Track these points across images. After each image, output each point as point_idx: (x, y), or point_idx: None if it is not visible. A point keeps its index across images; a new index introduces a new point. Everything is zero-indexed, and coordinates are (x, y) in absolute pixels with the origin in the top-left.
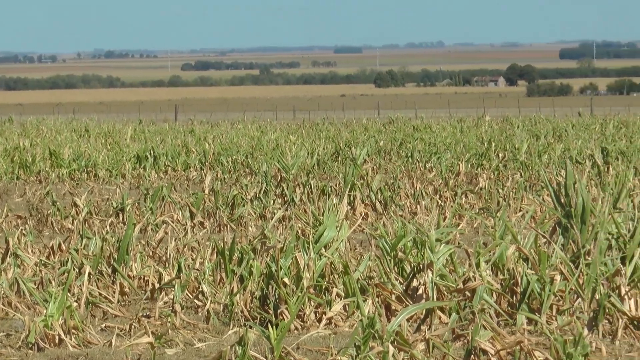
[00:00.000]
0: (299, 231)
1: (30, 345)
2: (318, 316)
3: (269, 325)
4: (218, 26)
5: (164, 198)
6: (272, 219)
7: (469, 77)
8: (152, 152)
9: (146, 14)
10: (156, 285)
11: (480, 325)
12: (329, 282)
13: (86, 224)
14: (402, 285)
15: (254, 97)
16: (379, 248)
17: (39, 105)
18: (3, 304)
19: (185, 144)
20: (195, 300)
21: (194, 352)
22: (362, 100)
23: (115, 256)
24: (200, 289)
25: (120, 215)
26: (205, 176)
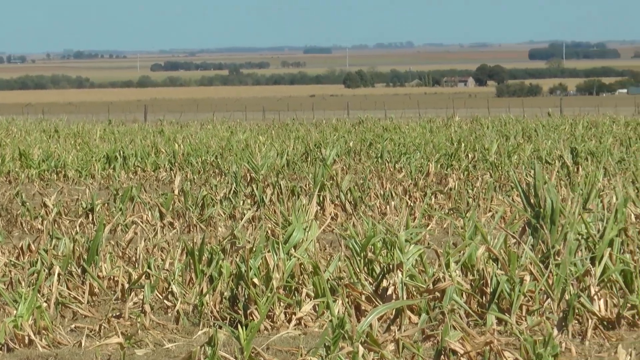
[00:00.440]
0: (269, 231)
1: None
2: (288, 316)
3: (239, 326)
4: (187, 27)
5: (133, 198)
6: (242, 220)
7: (438, 78)
8: (122, 153)
9: (115, 15)
10: (126, 286)
11: (450, 326)
12: (298, 283)
13: (56, 225)
14: (372, 286)
15: (223, 98)
16: (348, 248)
17: (8, 106)
18: None
19: (155, 145)
20: (165, 301)
21: (163, 353)
22: (332, 101)
23: (85, 257)
24: (170, 290)
25: (89, 215)
26: (174, 177)
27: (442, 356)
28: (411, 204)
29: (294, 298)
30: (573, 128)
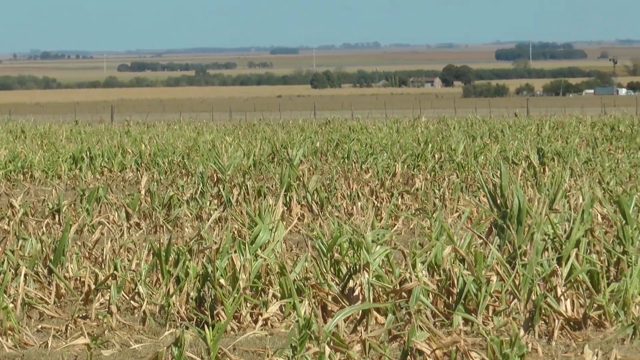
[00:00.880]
0: (235, 232)
1: None
2: (254, 317)
3: (205, 326)
4: (154, 27)
5: (100, 199)
6: (209, 220)
7: (405, 78)
8: (88, 153)
9: (82, 15)
10: (92, 287)
11: (416, 326)
12: (265, 283)
13: (22, 225)
14: (339, 286)
15: (190, 98)
16: (315, 249)
17: None
18: None
19: (122, 145)
20: (131, 302)
21: (130, 353)
22: (299, 101)
23: (52, 257)
24: (137, 290)
25: (56, 216)
26: (141, 177)
27: (409, 356)
28: (378, 205)
29: (260, 299)
30: (540, 128)
